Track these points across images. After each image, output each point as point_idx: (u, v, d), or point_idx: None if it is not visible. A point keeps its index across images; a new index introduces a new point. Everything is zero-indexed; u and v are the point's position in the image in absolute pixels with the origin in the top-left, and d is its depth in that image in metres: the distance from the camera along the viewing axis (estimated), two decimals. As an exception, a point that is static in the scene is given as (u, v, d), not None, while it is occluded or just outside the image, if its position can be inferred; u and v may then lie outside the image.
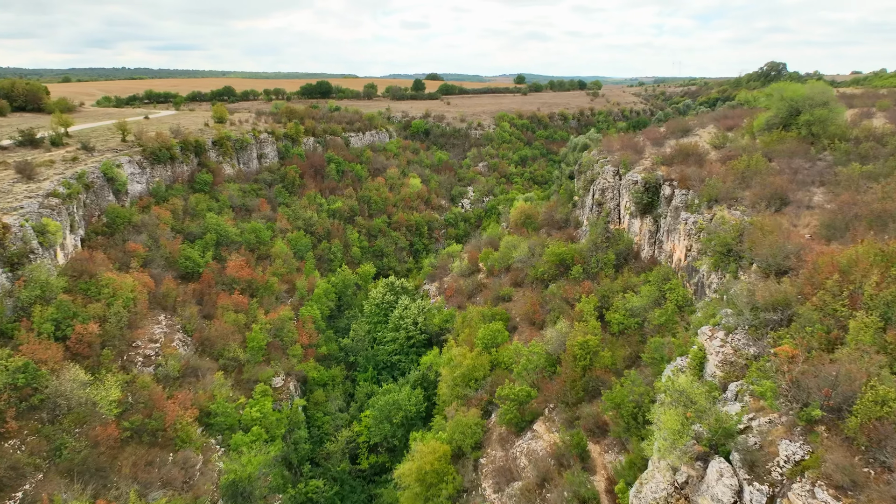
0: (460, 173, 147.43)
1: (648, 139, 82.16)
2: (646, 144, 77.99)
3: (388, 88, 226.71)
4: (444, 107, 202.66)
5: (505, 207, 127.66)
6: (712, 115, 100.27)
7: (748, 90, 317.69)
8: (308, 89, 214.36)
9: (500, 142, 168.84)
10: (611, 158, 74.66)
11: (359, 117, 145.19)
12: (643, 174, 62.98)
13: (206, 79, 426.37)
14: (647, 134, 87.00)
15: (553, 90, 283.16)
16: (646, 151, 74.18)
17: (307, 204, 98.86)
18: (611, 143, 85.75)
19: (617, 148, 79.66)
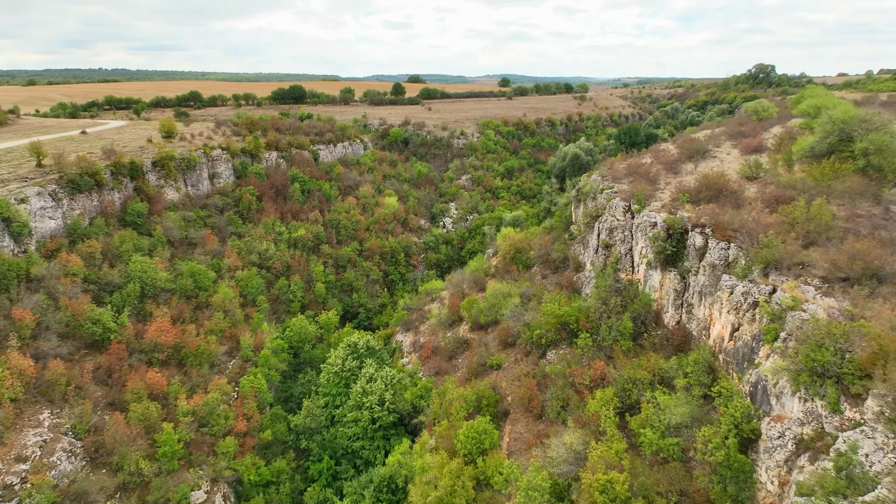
0: (442, 188, 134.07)
1: (660, 162, 69.59)
2: (659, 171, 65.33)
3: (365, 93, 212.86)
4: (425, 113, 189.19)
5: (491, 228, 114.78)
6: (726, 131, 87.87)
7: (737, 92, 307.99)
8: (280, 94, 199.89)
9: (484, 152, 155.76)
10: (618, 189, 61.84)
11: (330, 127, 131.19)
12: (663, 215, 50.16)
13: (178, 82, 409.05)
14: (657, 155, 74.47)
15: (539, 94, 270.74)
16: (660, 180, 61.51)
17: (263, 233, 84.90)
18: (614, 166, 73.01)
19: (623, 173, 66.94)
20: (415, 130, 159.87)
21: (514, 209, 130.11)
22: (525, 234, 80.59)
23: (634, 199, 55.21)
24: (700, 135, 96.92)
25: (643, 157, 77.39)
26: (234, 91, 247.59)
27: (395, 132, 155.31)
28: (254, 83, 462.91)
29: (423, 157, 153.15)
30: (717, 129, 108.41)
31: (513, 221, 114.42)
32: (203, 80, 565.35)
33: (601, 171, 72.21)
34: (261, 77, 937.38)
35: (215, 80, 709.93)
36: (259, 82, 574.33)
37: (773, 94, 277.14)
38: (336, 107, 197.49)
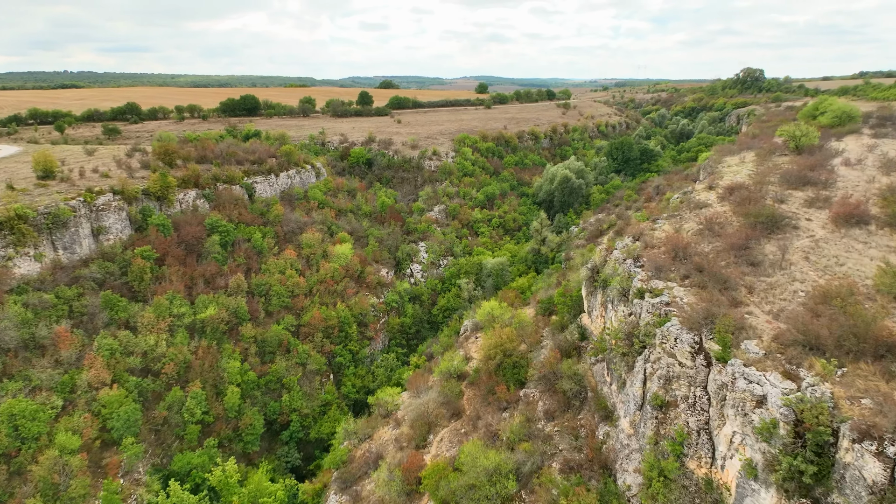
0: (410, 223, 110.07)
1: (715, 235, 46.32)
2: (722, 255, 41.95)
3: (328, 103, 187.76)
4: (394, 127, 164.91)
5: (469, 281, 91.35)
6: (771, 168, 65.19)
7: (725, 98, 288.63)
8: (230, 105, 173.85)
9: (460, 174, 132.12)
10: (671, 297, 37.98)
11: (273, 151, 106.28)
12: (775, 378, 27.04)
13: (139, 88, 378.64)
14: (705, 219, 50.69)
15: (520, 101, 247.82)
16: (738, 283, 37.86)
17: (154, 320, 60.26)
18: (645, 235, 49.74)
19: (665, 256, 43.56)
20: (380, 150, 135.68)
21: (497, 250, 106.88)
22: (516, 324, 56.94)
23: (713, 334, 31.65)
24: (733, 165, 74.50)
25: (682, 213, 54.35)
26: (192, 99, 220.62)
27: (357, 152, 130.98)
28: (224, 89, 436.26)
29: (389, 181, 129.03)
30: (749, 156, 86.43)
31: (496, 271, 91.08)
32: (163, 87, 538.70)
33: (628, 246, 48.87)
34: (233, 80, 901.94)
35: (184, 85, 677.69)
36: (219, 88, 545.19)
37: (766, 101, 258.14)
38: (293, 119, 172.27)
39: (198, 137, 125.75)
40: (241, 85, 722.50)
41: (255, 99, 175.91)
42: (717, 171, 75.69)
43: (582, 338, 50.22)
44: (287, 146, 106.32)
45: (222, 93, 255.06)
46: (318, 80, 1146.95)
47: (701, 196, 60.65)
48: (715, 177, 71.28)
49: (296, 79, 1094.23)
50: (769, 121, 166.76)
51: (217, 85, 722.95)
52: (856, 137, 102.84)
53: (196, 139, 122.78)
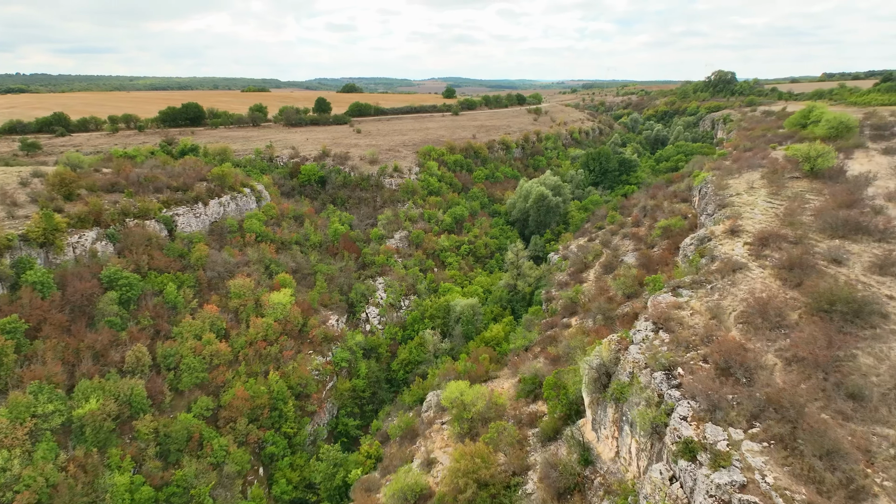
0: (366, 254, 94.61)
1: (770, 324, 32.50)
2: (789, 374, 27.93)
3: (281, 110, 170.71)
4: (353, 137, 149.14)
5: (434, 331, 76.77)
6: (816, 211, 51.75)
7: (698, 101, 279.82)
8: (171, 115, 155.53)
9: (425, 193, 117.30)
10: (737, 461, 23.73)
11: (203, 173, 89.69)
12: None
13: (94, 93, 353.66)
14: (745, 295, 36.62)
15: (489, 107, 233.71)
16: (843, 445, 23.80)
17: (7, 427, 43.98)
18: (670, 324, 35.41)
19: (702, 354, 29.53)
20: (335, 165, 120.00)
21: (467, 284, 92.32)
22: (492, 433, 42.28)
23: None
24: (743, 193, 61.19)
25: (711, 278, 40.27)
26: (139, 105, 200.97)
27: (308, 169, 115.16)
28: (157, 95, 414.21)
29: (344, 202, 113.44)
30: (754, 177, 73.64)
31: (467, 316, 76.62)
32: (113, 92, 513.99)
33: (653, 345, 34.41)
34: (194, 82, 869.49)
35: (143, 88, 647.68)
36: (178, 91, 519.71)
37: (740, 104, 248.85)
38: (241, 130, 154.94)
39: (125, 154, 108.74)
40: (204, 87, 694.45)
41: (198, 107, 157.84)
42: (729, 203, 62.45)
43: (585, 462, 35.89)
44: (219, 168, 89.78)
45: (175, 97, 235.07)
46: (284, 81, 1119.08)
47: (725, 247, 46.93)
48: (730, 212, 57.90)
49: (261, 80, 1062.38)
50: (752, 129, 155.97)
51: (178, 87, 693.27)
52: (865, 153, 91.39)
53: (123, 156, 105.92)
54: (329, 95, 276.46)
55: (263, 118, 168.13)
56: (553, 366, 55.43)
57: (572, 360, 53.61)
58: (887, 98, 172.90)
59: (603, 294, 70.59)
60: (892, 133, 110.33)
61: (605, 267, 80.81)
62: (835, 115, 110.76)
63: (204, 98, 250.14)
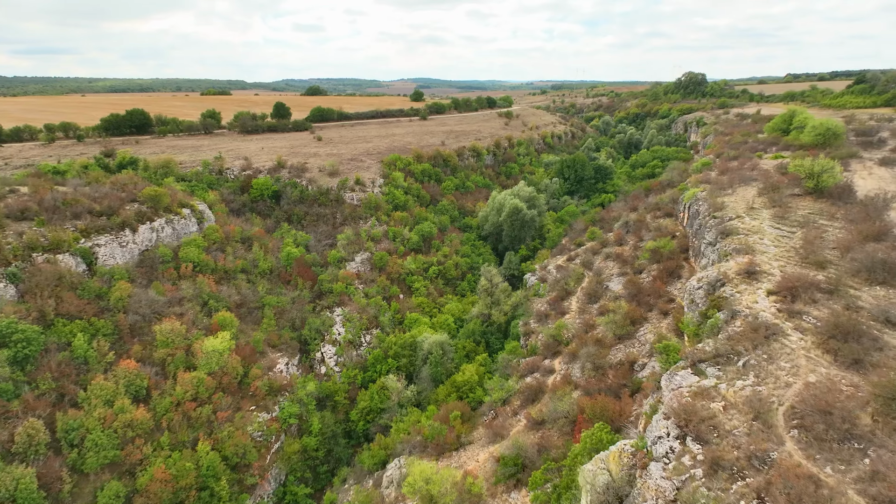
0: (324, 281, 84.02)
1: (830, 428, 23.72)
2: None
3: (236, 116, 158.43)
4: (313, 145, 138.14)
5: (398, 378, 67.17)
6: (840, 245, 43.44)
7: (669, 104, 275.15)
8: (115, 122, 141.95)
9: (390, 208, 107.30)
10: None
11: (134, 193, 78.28)
12: None
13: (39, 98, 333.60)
14: (819, 407, 27.89)
15: (458, 110, 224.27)
16: None
17: None
18: (698, 427, 26.31)
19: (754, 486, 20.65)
20: (291, 178, 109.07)
21: (436, 313, 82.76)
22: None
23: None
24: (744, 215, 52.77)
25: (741, 350, 31.38)
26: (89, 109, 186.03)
27: (261, 183, 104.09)
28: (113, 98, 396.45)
29: (301, 220, 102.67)
30: (750, 193, 65.87)
31: (435, 357, 67.12)
32: (64, 96, 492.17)
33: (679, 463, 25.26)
34: (156, 84, 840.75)
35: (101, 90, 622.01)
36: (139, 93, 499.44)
37: (712, 107, 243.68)
38: (192, 138, 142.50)
39: (53, 170, 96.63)
40: (167, 89, 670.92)
41: (144, 114, 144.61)
42: (732, 231, 54.10)
43: None
44: (152, 189, 78.31)
45: (126, 102, 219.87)
46: (250, 83, 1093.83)
47: (746, 298, 38.22)
48: (737, 244, 49.44)
49: (226, 82, 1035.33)
50: (730, 133, 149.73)
51: (139, 89, 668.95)
52: (861, 165, 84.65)
53: (51, 172, 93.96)
54: (292, 99, 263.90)
55: (217, 125, 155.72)
56: (536, 431, 46.32)
57: (558, 426, 44.60)
58: (862, 100, 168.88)
59: (589, 332, 61.76)
60: (880, 140, 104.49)
61: (589, 295, 72.10)
62: (821, 122, 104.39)
63: (158, 102, 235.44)
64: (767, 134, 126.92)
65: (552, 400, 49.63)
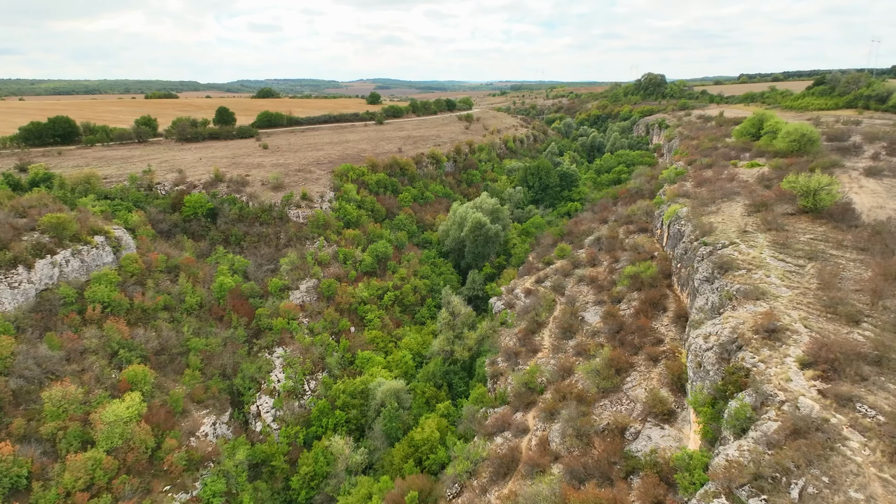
0: (262, 316, 73.15)
1: None
2: None
3: (175, 123, 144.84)
4: (258, 154, 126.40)
5: (346, 440, 57.26)
6: (866, 287, 35.63)
7: (630, 105, 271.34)
8: (35, 132, 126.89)
9: (341, 225, 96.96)
10: None
11: (33, 220, 65.98)
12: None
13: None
14: None
15: (416, 114, 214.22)
16: None
17: None
18: None
19: None
20: (229, 194, 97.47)
21: (393, 349, 73.03)
22: None
23: None
24: (738, 241, 44.92)
25: (795, 483, 22.89)
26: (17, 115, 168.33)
27: (194, 200, 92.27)
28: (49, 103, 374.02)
29: (239, 241, 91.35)
30: (737, 211, 58.66)
31: (389, 412, 57.62)
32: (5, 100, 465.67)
33: None
34: (104, 86, 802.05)
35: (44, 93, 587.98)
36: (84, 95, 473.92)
37: (673, 108, 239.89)
38: (124, 148, 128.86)
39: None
40: (115, 91, 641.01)
41: (68, 122, 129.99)
42: (731, 264, 46.09)
43: None
44: (54, 216, 66.13)
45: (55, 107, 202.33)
46: (203, 84, 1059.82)
47: (774, 372, 29.78)
48: (742, 285, 41.36)
49: (178, 83, 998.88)
50: (696, 137, 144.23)
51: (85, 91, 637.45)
52: (847, 176, 78.55)
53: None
54: (240, 102, 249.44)
55: (153, 133, 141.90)
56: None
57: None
58: (823, 102, 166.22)
59: (567, 378, 53.12)
60: (855, 145, 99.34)
61: (564, 329, 63.54)
62: (795, 127, 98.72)
63: (94, 107, 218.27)
64: (736, 139, 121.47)
65: (528, 476, 40.74)
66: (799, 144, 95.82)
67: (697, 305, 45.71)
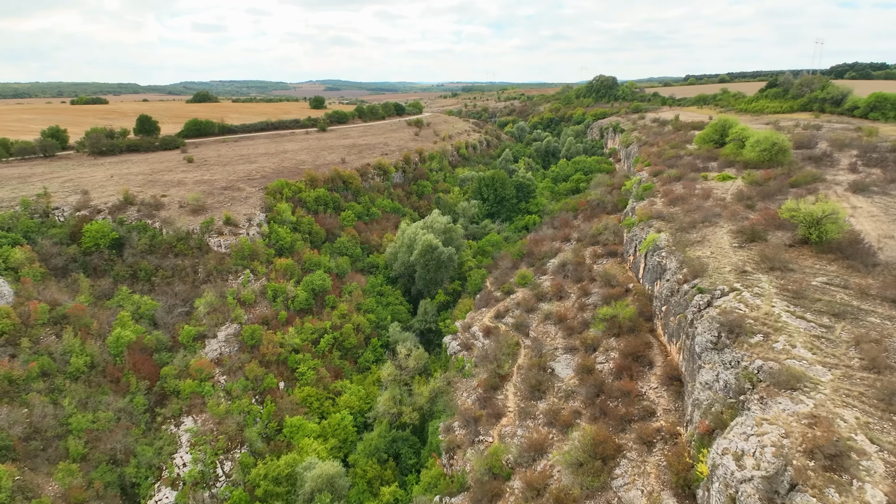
0: (168, 377, 59.82)
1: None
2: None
3: (88, 133, 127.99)
4: (181, 169, 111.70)
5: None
6: None
7: (583, 108, 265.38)
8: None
9: (271, 254, 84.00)
10: None
11: None
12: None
13: None
14: None
15: (363, 119, 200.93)
16: None
17: None
18: None
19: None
20: (140, 219, 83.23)
21: (329, 407, 61.07)
22: None
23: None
24: (738, 286, 35.52)
25: None
26: None
27: (95, 230, 77.66)
28: None
29: (150, 277, 77.29)
30: (723, 239, 49.64)
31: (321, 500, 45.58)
32: None
33: None
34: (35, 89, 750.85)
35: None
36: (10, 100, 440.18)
37: (626, 111, 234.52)
38: (26, 164, 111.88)
39: None
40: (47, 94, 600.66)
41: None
42: (742, 326, 36.34)
43: None
44: None
45: None
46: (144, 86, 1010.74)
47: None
48: (761, 358, 31.54)
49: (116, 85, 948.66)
50: (655, 143, 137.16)
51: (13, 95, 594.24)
52: (833, 192, 71.00)
53: None
54: (173, 108, 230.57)
55: (61, 146, 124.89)
56: None
57: None
58: (778, 105, 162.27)
59: (537, 462, 42.53)
60: (825, 154, 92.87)
61: (531, 387, 53.02)
62: (765, 136, 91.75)
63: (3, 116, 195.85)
64: (699, 146, 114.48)
65: None
66: (770, 154, 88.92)
67: (703, 380, 35.78)
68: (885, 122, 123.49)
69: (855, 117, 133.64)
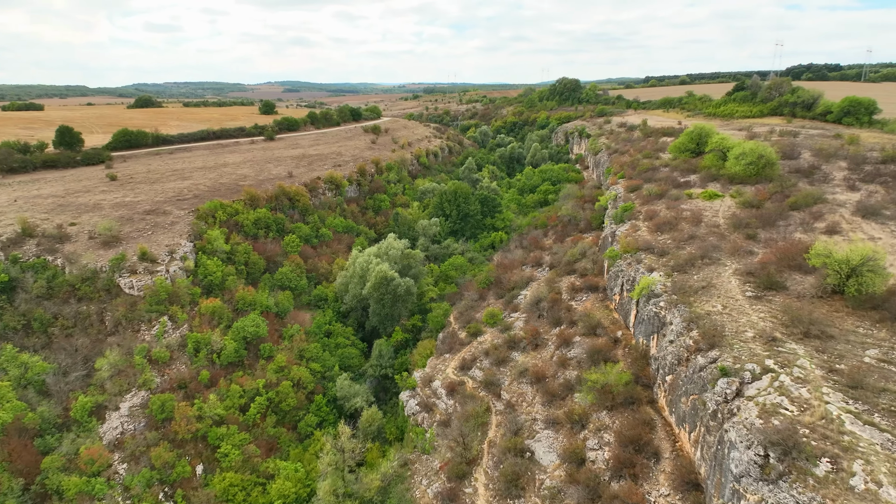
0: (51, 472, 46.89)
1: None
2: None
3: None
4: (101, 188, 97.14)
5: None
6: None
7: (547, 112, 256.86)
8: None
9: (196, 293, 70.82)
10: None
11: None
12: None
13: None
14: None
15: (316, 126, 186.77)
16: None
17: None
18: None
19: None
20: (39, 256, 69.28)
21: (259, 499, 48.89)
22: None
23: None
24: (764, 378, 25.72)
25: None
26: None
27: (-22, 273, 63.50)
28: None
29: (46, 328, 63.56)
30: (732, 285, 39.75)
31: None
32: None
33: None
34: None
35: None
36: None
37: (590, 115, 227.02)
38: None
39: None
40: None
41: None
42: (791, 441, 26.08)
43: None
44: None
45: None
46: (93, 88, 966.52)
47: None
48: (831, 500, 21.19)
49: (64, 87, 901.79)
50: (626, 151, 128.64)
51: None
52: (839, 216, 62.41)
53: None
54: (108, 115, 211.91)
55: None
56: None
57: None
58: (747, 109, 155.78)
59: None
60: (812, 167, 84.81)
61: (508, 482, 42.07)
62: (751, 147, 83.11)
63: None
64: (674, 155, 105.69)
65: None
66: (756, 168, 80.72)
67: (749, 523, 25.34)
68: (861, 128, 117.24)
69: (828, 122, 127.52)
